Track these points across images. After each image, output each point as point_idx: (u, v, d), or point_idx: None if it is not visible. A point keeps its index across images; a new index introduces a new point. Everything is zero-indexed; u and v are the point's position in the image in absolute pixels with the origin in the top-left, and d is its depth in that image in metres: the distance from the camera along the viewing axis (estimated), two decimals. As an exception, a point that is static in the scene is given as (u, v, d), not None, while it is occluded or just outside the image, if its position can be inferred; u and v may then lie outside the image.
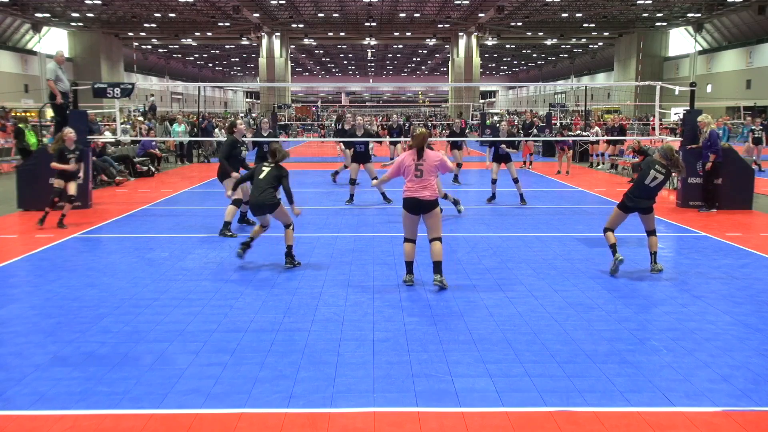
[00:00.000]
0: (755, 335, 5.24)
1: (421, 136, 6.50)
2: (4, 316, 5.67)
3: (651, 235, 7.29)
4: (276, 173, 7.38)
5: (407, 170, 6.45)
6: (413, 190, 6.42)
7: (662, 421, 3.83)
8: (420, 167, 6.40)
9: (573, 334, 5.23)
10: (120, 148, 17.66)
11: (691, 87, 12.44)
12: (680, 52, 54.96)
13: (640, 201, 7.18)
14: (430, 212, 6.45)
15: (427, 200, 6.39)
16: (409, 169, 6.43)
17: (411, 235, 6.60)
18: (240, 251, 7.36)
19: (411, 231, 6.59)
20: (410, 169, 6.43)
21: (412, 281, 6.65)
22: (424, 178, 6.42)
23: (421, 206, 6.43)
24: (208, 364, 4.63)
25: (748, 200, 11.71)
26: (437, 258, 6.47)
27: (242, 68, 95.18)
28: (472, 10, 49.83)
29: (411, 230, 6.58)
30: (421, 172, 6.40)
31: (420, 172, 6.40)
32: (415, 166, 6.41)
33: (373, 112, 76.56)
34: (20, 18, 46.67)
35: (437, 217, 6.52)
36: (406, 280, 6.67)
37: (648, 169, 7.17)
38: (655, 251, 7.26)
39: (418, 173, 6.40)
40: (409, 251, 6.64)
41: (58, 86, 11.97)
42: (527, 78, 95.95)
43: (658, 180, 7.11)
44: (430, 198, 6.40)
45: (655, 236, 7.30)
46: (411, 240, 6.61)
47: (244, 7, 48.73)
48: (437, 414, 3.90)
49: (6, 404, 4.01)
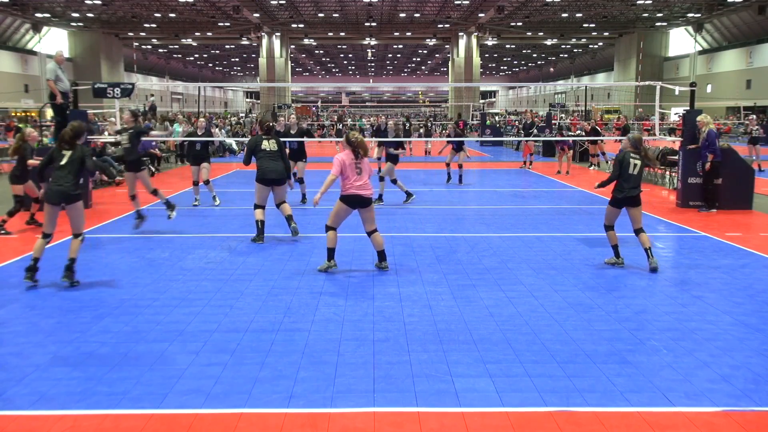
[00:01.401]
0: (755, 335, 5.24)
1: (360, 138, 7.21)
2: (4, 316, 5.67)
3: (640, 233, 7.40)
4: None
5: (348, 169, 7.06)
6: (356, 188, 7.07)
7: (662, 421, 3.83)
8: (359, 165, 7.10)
9: (573, 334, 5.23)
10: (120, 148, 17.63)
11: (691, 87, 12.44)
12: (680, 52, 54.97)
13: (629, 191, 7.32)
14: (368, 207, 7.16)
15: (367, 197, 7.13)
16: (349, 167, 7.06)
17: (336, 225, 7.23)
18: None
19: (339, 222, 7.24)
20: (351, 167, 7.06)
21: (335, 265, 7.24)
22: (363, 175, 7.11)
23: (362, 202, 7.11)
24: (208, 364, 4.63)
25: (748, 200, 11.71)
26: (380, 248, 7.27)
27: (242, 68, 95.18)
28: (472, 10, 49.83)
29: (339, 221, 7.23)
30: (360, 170, 7.10)
31: (359, 170, 7.09)
32: (355, 165, 7.08)
33: (374, 112, 76.57)
34: (20, 18, 46.69)
35: (373, 211, 7.24)
36: (327, 267, 7.21)
37: (625, 159, 7.42)
38: (648, 247, 7.34)
39: (358, 171, 7.09)
40: (332, 238, 7.22)
41: (58, 86, 11.96)
42: (527, 78, 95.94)
43: (638, 166, 7.40)
44: (369, 195, 7.17)
45: (644, 233, 7.39)
46: (334, 228, 7.23)
47: (244, 7, 48.73)
48: (437, 414, 3.90)
49: (6, 404, 4.01)
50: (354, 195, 7.08)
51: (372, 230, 7.22)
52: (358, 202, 7.12)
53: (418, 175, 17.68)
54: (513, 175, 18.47)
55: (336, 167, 7.08)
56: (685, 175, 11.81)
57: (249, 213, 11.44)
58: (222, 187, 14.96)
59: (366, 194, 7.11)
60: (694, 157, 11.68)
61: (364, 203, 7.14)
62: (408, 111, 77.27)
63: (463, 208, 12.23)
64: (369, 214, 7.20)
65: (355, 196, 7.08)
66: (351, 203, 7.13)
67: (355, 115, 61.85)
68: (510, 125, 39.05)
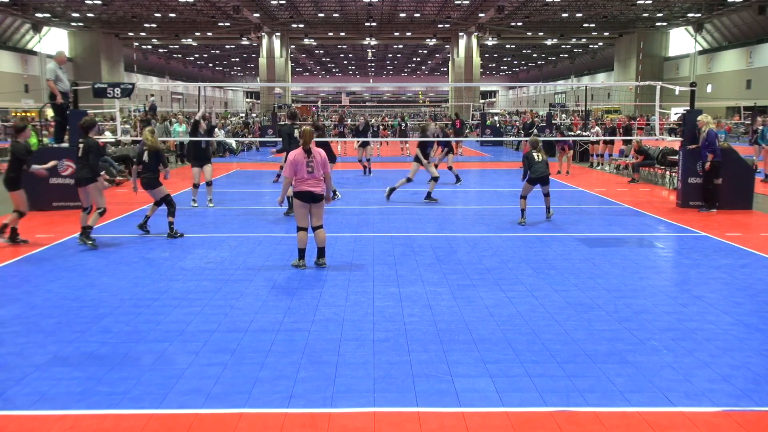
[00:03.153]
0: (755, 335, 5.24)
1: (308, 133, 7.28)
2: (4, 316, 5.67)
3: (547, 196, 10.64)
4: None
5: (300, 167, 7.20)
6: (308, 184, 7.24)
7: (662, 421, 3.83)
8: (311, 164, 7.21)
9: (573, 334, 5.23)
10: (120, 148, 17.66)
11: (692, 87, 12.44)
12: (680, 52, 54.98)
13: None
14: (319, 203, 7.36)
15: (318, 194, 7.31)
16: (301, 166, 7.20)
17: (303, 224, 7.39)
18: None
19: (303, 220, 7.38)
20: (302, 165, 7.20)
21: (304, 266, 7.39)
22: (315, 172, 7.23)
23: (313, 198, 7.28)
24: (208, 364, 4.63)
25: (748, 200, 11.71)
26: (321, 244, 7.47)
27: (242, 68, 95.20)
28: (472, 10, 49.84)
29: (303, 219, 7.38)
30: (312, 168, 7.21)
31: (311, 168, 7.21)
32: (306, 163, 7.20)
33: (374, 111, 76.60)
34: (20, 18, 46.70)
35: (322, 208, 7.45)
36: (298, 264, 7.40)
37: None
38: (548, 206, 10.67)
39: (310, 169, 7.21)
40: (302, 238, 7.39)
41: (58, 86, 11.97)
42: (527, 78, 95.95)
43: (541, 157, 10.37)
44: (320, 192, 7.34)
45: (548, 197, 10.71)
46: (304, 228, 7.39)
47: (244, 7, 48.74)
48: (437, 414, 3.90)
49: (6, 404, 4.01)
50: (305, 191, 7.26)
51: (317, 225, 7.43)
52: (309, 198, 7.29)
53: (418, 175, 17.65)
54: (513, 175, 18.47)
55: (287, 169, 7.30)
56: (685, 175, 11.81)
57: (249, 213, 11.46)
58: (222, 187, 14.97)
59: (315, 191, 7.28)
60: (694, 157, 11.68)
61: (315, 199, 7.32)
62: (408, 111, 77.20)
63: (463, 208, 12.23)
64: (318, 209, 7.40)
65: (306, 192, 7.27)
66: (303, 198, 7.29)
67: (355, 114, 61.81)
68: (509, 125, 39.04)
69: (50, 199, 11.39)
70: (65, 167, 11.51)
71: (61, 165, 11.44)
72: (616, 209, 11.94)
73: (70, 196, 11.42)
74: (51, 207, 11.32)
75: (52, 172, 11.35)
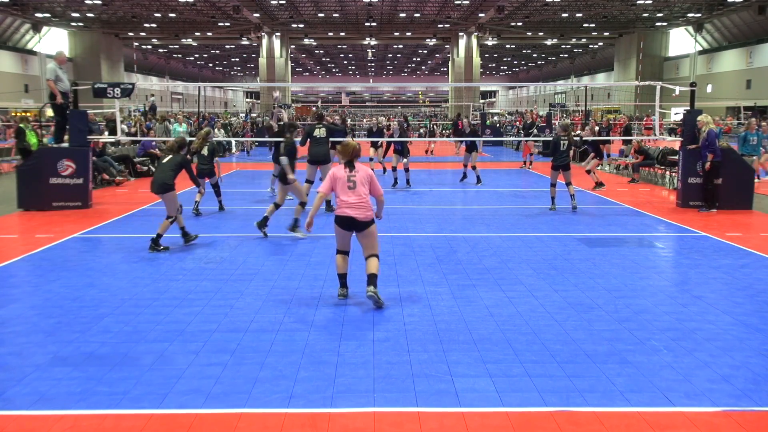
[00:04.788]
0: (755, 335, 5.24)
1: (350, 146, 6.16)
2: (4, 316, 5.67)
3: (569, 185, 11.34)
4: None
5: (340, 184, 6.05)
6: (350, 208, 5.97)
7: (662, 421, 3.83)
8: (352, 178, 6.04)
9: (573, 334, 5.23)
10: (120, 148, 17.66)
11: (692, 87, 12.44)
12: (680, 52, 54.95)
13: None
14: (364, 231, 6.03)
15: (362, 220, 5.98)
16: (341, 182, 6.05)
17: (342, 247, 6.18)
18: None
19: (343, 243, 6.18)
20: (343, 182, 6.04)
21: (346, 295, 6.21)
22: (358, 189, 6.01)
23: (355, 225, 6.01)
24: (208, 364, 4.63)
25: (748, 200, 11.71)
26: (370, 271, 5.97)
27: (242, 68, 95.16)
28: (472, 10, 49.82)
29: (343, 243, 6.18)
30: (354, 183, 6.02)
31: (353, 183, 6.02)
32: (348, 178, 6.04)
33: (374, 111, 76.58)
34: (20, 18, 46.67)
35: (373, 236, 6.07)
36: (340, 294, 6.22)
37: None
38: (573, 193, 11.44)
39: (351, 184, 6.01)
40: (341, 263, 6.19)
41: (58, 86, 11.97)
42: (527, 78, 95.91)
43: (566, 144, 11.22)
44: (365, 219, 5.99)
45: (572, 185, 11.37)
46: (342, 252, 6.19)
47: (244, 7, 48.72)
48: (437, 414, 3.90)
49: (6, 404, 4.01)
50: (344, 217, 5.99)
51: (370, 255, 6.07)
52: (350, 225, 6.01)
53: (418, 175, 17.66)
54: (513, 175, 18.47)
55: (325, 184, 6.19)
56: (685, 175, 11.81)
57: (249, 213, 11.45)
58: (222, 187, 14.93)
59: (358, 217, 5.95)
60: (694, 157, 11.68)
61: (358, 227, 6.01)
62: (408, 111, 77.21)
63: (463, 208, 12.23)
64: (365, 240, 6.04)
65: (346, 218, 5.99)
66: (343, 225, 6.05)
67: (355, 114, 61.78)
68: (508, 125, 39.02)
69: (50, 199, 11.39)
70: (65, 167, 11.51)
71: (61, 165, 11.46)
72: (616, 209, 11.94)
73: (70, 196, 11.44)
74: (51, 207, 11.32)
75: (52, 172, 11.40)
